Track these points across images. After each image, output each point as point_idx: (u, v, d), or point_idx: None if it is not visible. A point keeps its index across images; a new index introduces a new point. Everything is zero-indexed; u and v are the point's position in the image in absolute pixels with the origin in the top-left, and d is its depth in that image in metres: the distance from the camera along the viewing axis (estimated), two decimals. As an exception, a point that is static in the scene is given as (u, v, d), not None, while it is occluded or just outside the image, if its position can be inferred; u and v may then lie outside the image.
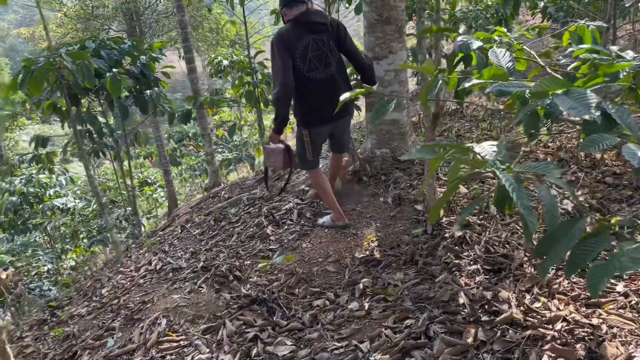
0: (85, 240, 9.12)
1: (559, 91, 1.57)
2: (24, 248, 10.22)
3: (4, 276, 1.65)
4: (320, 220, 3.84)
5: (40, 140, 6.08)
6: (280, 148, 3.51)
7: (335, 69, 3.33)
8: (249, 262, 3.47)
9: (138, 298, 3.26)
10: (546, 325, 2.10)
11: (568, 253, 1.49)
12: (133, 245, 5.64)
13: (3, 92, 4.14)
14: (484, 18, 6.01)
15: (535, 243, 2.31)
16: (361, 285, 2.84)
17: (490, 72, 1.94)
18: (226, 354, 2.44)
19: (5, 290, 5.17)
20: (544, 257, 1.53)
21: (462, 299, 2.40)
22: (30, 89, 4.02)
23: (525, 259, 2.70)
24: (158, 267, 3.80)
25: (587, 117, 1.41)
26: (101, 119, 5.64)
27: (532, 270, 2.56)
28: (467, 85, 2.00)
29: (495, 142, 1.65)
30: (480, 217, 3.22)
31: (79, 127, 5.07)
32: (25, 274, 7.96)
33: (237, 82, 6.29)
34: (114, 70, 4.54)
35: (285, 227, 3.92)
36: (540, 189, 1.48)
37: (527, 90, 1.73)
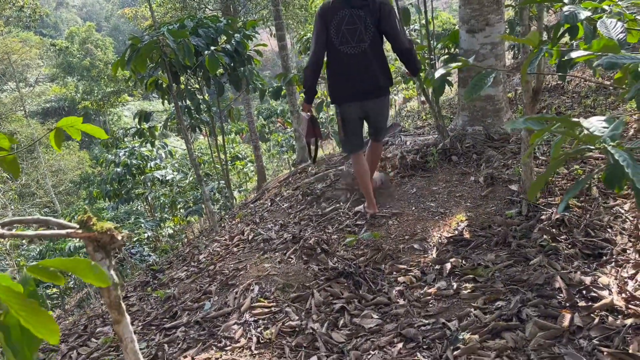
0: (182, 210, 9.71)
1: (681, 63, 1.44)
2: (127, 216, 11.09)
3: (119, 238, 1.81)
4: (361, 206, 3.85)
5: (143, 116, 6.51)
6: (306, 117, 3.52)
7: (369, 46, 3.24)
8: (335, 236, 3.54)
9: (232, 265, 3.44)
10: (652, 315, 1.96)
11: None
12: (226, 216, 5.93)
13: (112, 69, 4.46)
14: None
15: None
16: (449, 265, 2.80)
17: (600, 44, 1.80)
18: (315, 322, 2.53)
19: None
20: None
21: (558, 283, 2.30)
22: (136, 65, 4.31)
23: (629, 244, 2.52)
24: (250, 237, 3.98)
25: None
26: (198, 96, 5.93)
27: (637, 256, 2.39)
28: (573, 55, 1.89)
29: (604, 117, 1.55)
30: (581, 199, 3.04)
31: (179, 103, 5.36)
32: (128, 239, 8.64)
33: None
34: (212, 48, 4.74)
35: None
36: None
37: (643, 63, 1.59)
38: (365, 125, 3.81)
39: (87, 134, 2.07)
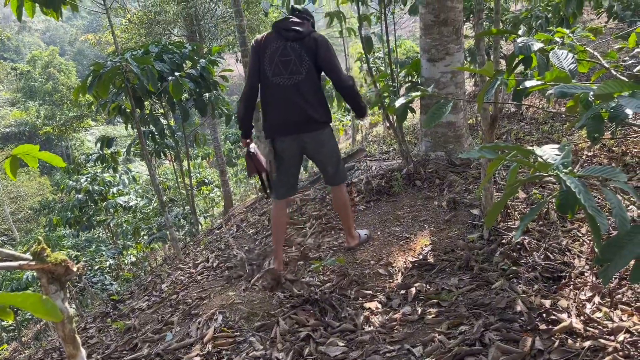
0: (145, 237, 9.49)
1: (625, 93, 1.51)
2: (88, 243, 10.76)
3: (75, 269, 1.75)
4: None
5: (106, 141, 6.39)
6: (250, 153, 3.30)
7: (304, 78, 3.08)
8: (301, 262, 3.52)
9: (195, 294, 3.37)
10: (608, 337, 2.01)
11: (632, 261, 1.43)
12: (191, 243, 5.83)
13: (73, 94, 4.38)
14: (544, 18, 5.80)
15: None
16: (414, 290, 2.82)
17: (552, 75, 1.89)
18: (279, 351, 2.49)
19: (70, 283, 5.47)
20: (607, 264, 1.47)
21: (519, 307, 2.34)
22: (98, 91, 4.24)
23: (587, 267, 2.60)
24: (214, 264, 3.92)
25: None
26: (163, 121, 5.87)
27: (594, 279, 2.46)
28: (527, 85, 1.96)
29: (557, 145, 1.61)
30: (540, 223, 3.13)
31: (142, 129, 5.30)
32: (89, 268, 8.38)
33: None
34: (176, 73, 4.72)
35: (338, 229, 3.94)
36: (606, 193, 1.43)
37: (591, 93, 1.67)
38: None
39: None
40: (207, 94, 5.63)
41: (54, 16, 3.93)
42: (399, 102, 2.24)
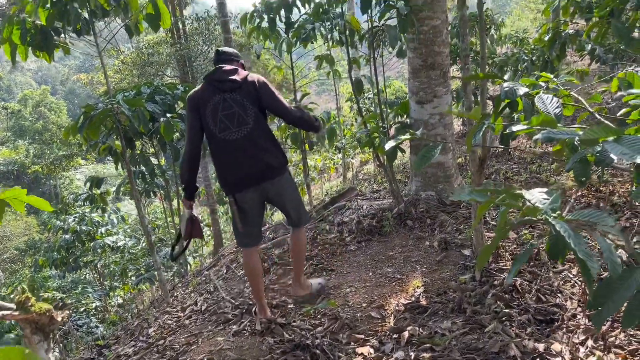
0: (133, 278, 9.33)
1: (610, 138, 1.54)
2: (74, 285, 10.54)
3: (59, 318, 1.69)
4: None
5: (95, 182, 6.35)
6: (186, 215, 3.21)
7: (253, 127, 2.97)
8: (291, 305, 3.46)
9: (183, 339, 3.29)
10: (604, 382, 1.98)
11: (625, 305, 1.42)
12: (179, 285, 5.73)
13: (63, 135, 4.38)
14: (529, 61, 5.97)
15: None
16: (407, 333, 2.77)
17: (538, 119, 1.92)
18: (269, 400, 2.42)
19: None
20: (599, 308, 1.46)
21: (512, 351, 2.30)
22: (88, 133, 4.24)
23: (579, 309, 2.58)
24: (203, 307, 3.84)
25: (639, 161, 1.36)
26: (153, 160, 5.87)
27: (587, 321, 2.44)
28: (514, 129, 1.99)
29: (545, 189, 1.62)
30: (531, 264, 3.12)
31: (132, 169, 5.28)
32: (74, 310, 8.19)
33: (282, 124, 6.43)
34: (168, 115, 4.75)
35: (330, 269, 3.90)
36: (596, 237, 1.43)
37: (577, 138, 1.70)
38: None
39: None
40: (198, 135, 5.64)
41: (46, 58, 3.98)
42: (389, 144, 2.26)
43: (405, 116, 4.85)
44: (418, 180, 4.63)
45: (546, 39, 5.32)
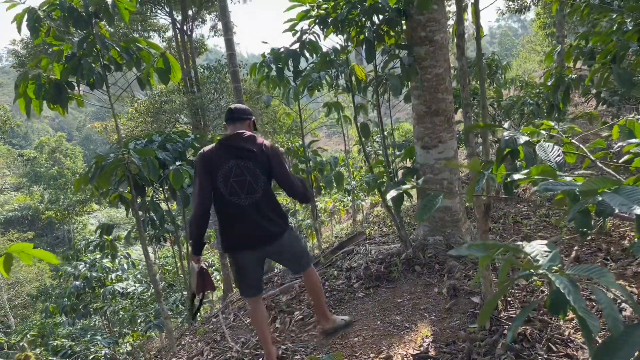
0: (142, 324, 9.25)
1: (608, 189, 1.54)
2: (83, 332, 10.46)
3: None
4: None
5: (105, 228, 6.40)
6: (195, 269, 3.21)
7: (261, 196, 3.03)
8: (298, 356, 3.40)
9: (188, 391, 3.24)
10: None
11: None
12: (187, 332, 5.67)
13: (74, 186, 4.46)
14: (535, 105, 6.02)
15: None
16: (415, 385, 2.71)
17: (538, 169, 1.93)
18: None
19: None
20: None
21: (523, 405, 2.23)
22: (99, 182, 4.32)
23: (592, 360, 2.51)
24: (209, 357, 3.79)
25: (638, 212, 1.36)
26: (164, 206, 5.92)
27: (601, 373, 2.37)
28: (515, 177, 2.00)
29: (545, 242, 1.61)
30: (540, 312, 3.06)
31: (142, 215, 5.33)
32: (83, 359, 8.11)
33: (291, 168, 6.51)
34: (177, 162, 4.83)
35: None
36: (596, 292, 1.42)
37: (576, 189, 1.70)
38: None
39: (49, 243, 2.03)
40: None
41: (60, 111, 4.10)
42: (391, 194, 2.27)
43: (412, 162, 4.88)
44: (426, 225, 4.62)
45: (549, 83, 5.39)
